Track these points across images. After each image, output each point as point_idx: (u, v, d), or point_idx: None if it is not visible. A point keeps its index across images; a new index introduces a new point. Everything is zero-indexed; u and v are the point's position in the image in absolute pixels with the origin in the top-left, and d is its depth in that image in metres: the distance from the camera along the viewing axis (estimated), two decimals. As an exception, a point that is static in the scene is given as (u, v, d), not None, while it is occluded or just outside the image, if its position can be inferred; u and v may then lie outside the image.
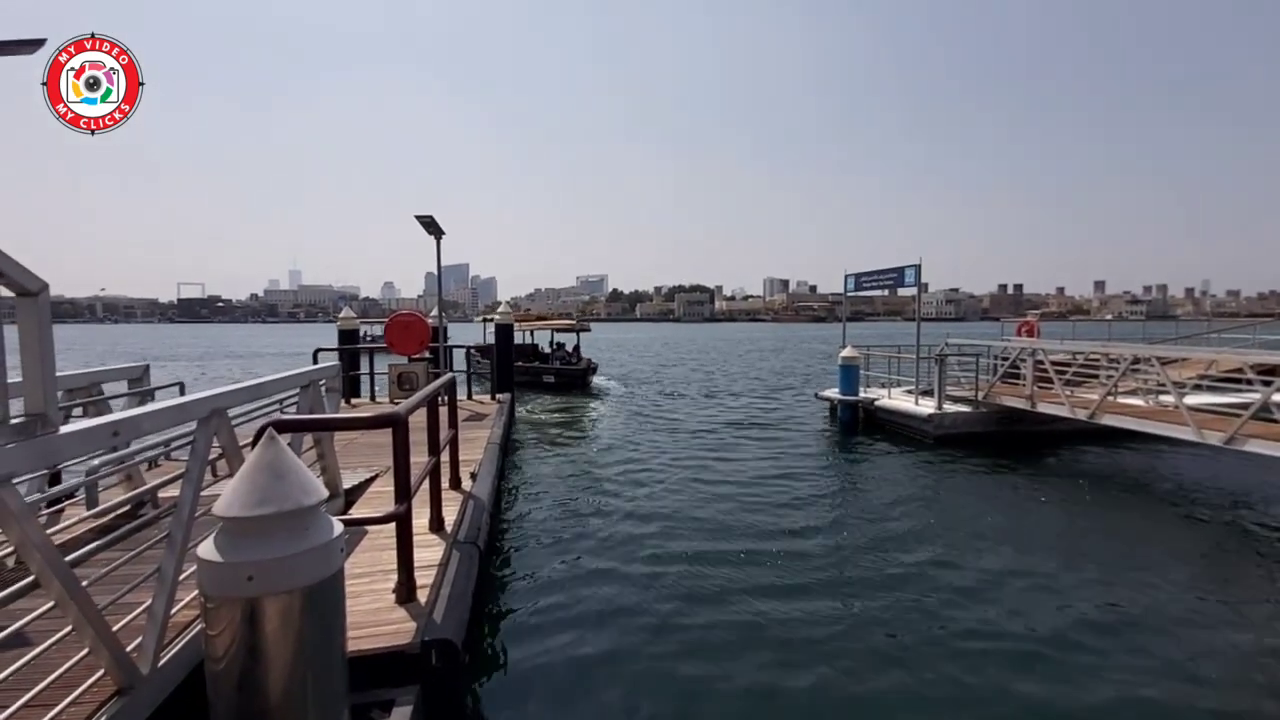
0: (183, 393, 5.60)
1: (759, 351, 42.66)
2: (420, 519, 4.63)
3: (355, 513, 5.14)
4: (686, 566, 5.66)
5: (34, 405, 1.99)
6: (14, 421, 1.91)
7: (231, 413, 3.74)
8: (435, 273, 11.59)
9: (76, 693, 2.18)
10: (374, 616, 3.30)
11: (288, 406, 4.58)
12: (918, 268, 12.44)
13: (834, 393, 13.28)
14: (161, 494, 4.20)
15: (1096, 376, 10.58)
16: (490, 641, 4.35)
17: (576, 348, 21.40)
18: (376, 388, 12.68)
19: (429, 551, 4.13)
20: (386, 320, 11.95)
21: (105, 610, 2.44)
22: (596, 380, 21.54)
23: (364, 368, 12.78)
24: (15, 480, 2.08)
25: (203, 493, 2.93)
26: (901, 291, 14.48)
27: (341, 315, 14.58)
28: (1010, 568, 5.70)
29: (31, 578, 1.99)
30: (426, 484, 4.50)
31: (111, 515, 4.06)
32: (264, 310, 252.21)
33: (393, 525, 3.46)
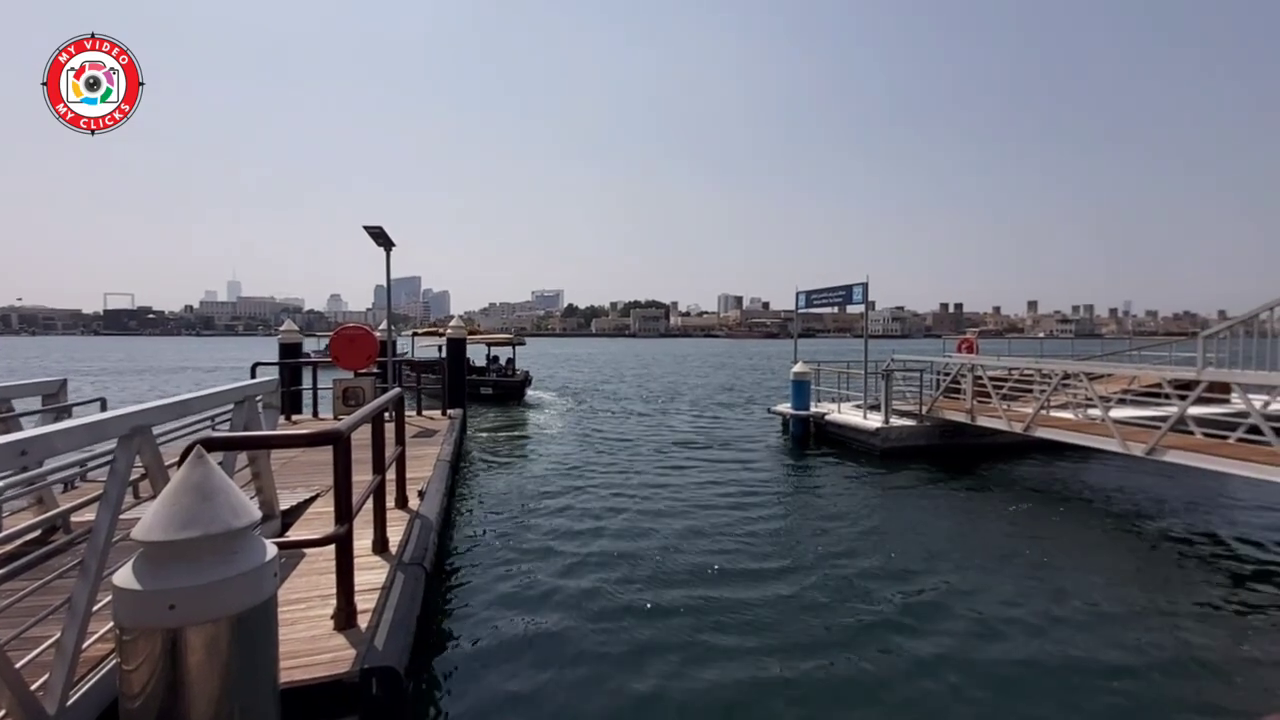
0: (104, 409, 5.25)
1: (711, 367, 43.13)
2: (364, 540, 4.45)
3: (293, 534, 4.90)
4: (637, 584, 5.62)
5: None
6: (-99, 441, 1.73)
7: (157, 430, 3.53)
8: (385, 285, 11.30)
9: (-31, 740, 1.98)
10: (311, 644, 3.13)
11: (220, 423, 4.35)
12: (864, 286, 12.84)
13: (786, 407, 13.51)
14: (75, 518, 3.91)
15: (1031, 391, 11.09)
16: (437, 668, 4.19)
17: (511, 361, 21.71)
18: (320, 404, 12.21)
19: (372, 574, 3.96)
20: (331, 334, 11.55)
21: (8, 645, 2.24)
22: (533, 392, 22.36)
23: (306, 382, 12.30)
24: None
25: (122, 516, 2.73)
26: (850, 309, 14.91)
27: (283, 328, 14.03)
28: (951, 575, 5.90)
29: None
30: (371, 503, 4.34)
31: (19, 542, 3.76)
32: (199, 323, 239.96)
33: (333, 547, 3.30)
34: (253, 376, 9.83)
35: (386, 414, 4.78)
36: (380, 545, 4.41)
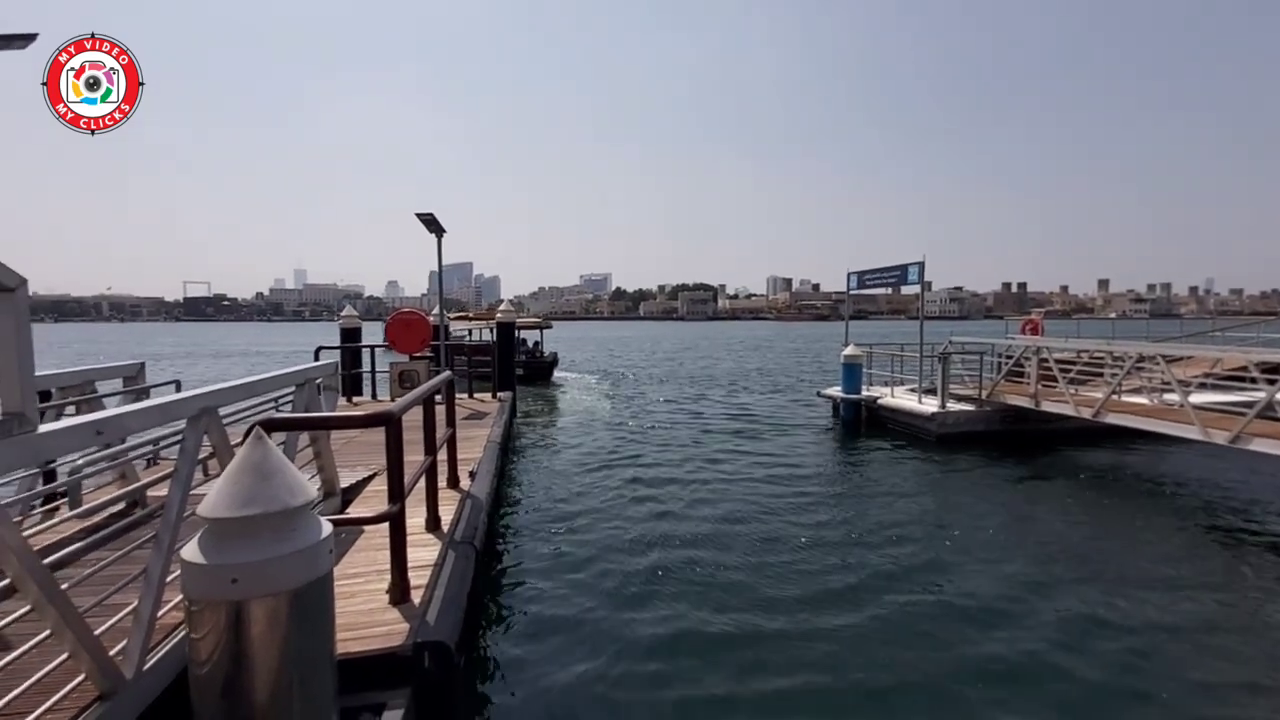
0: (179, 391, 5.55)
1: (752, 349, 42.56)
2: (418, 518, 4.59)
3: (353, 511, 5.10)
4: (687, 567, 5.61)
5: (10, 404, 1.93)
6: (-11, 420, 1.85)
7: (225, 411, 3.70)
8: (437, 271, 11.55)
9: (55, 698, 2.13)
10: (367, 618, 3.25)
11: (283, 405, 4.53)
12: (920, 265, 12.35)
13: (836, 391, 13.20)
14: (153, 494, 4.15)
15: (1101, 375, 10.49)
16: (486, 644, 4.30)
17: (539, 344, 23.17)
18: (379, 386, 12.64)
19: (425, 551, 4.08)
20: (387, 319, 11.91)
21: (90, 612, 2.39)
22: (561, 373, 24.12)
23: (366, 366, 12.74)
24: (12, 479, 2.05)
25: (194, 492, 2.88)
26: (905, 289, 14.43)
27: (343, 314, 14.55)
28: (1015, 570, 5.63)
29: (7, 580, 1.93)
30: (424, 483, 4.46)
31: (105, 514, 4.03)
32: (269, 309, 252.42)
33: (388, 524, 3.40)
34: (315, 360, 10.23)
35: (437, 396, 4.88)
36: (433, 523, 4.53)
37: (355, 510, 5.16)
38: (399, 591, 3.38)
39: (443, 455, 5.65)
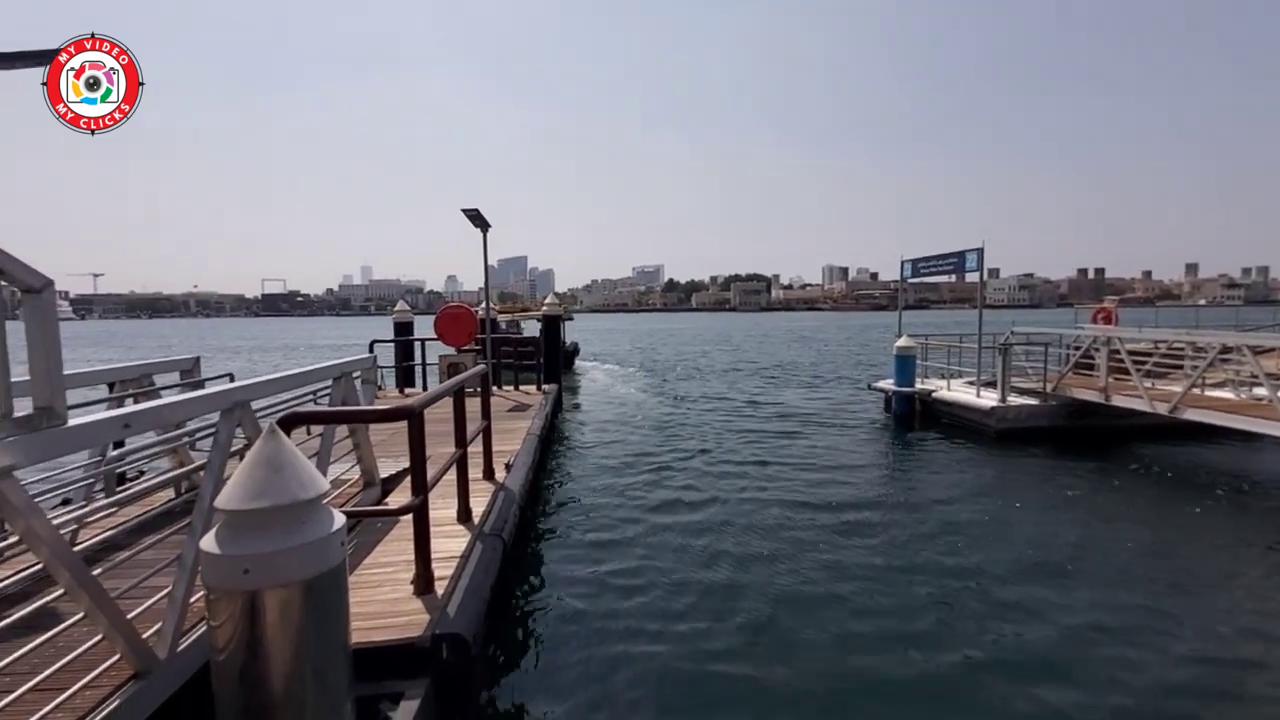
0: (232, 383, 5.84)
1: (809, 340, 41.62)
2: (450, 510, 4.68)
3: (391, 501, 5.25)
4: (723, 564, 5.52)
5: (41, 399, 2.04)
6: (18, 415, 1.96)
7: (264, 403, 3.86)
8: (494, 265, 11.75)
9: (90, 676, 2.26)
10: (391, 607, 3.32)
11: (321, 397, 4.68)
12: (979, 252, 11.72)
13: (889, 384, 12.75)
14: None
15: (1180, 367, 9.72)
16: (511, 636, 4.34)
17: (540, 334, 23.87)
18: (430, 378, 13.00)
19: (453, 542, 4.15)
20: (436, 313, 12.21)
21: (128, 594, 2.53)
22: (580, 362, 25.42)
23: (419, 359, 13.12)
24: (73, 466, 2.18)
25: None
26: (969, 277, 13.78)
27: (396, 309, 15.02)
28: (1078, 582, 5.19)
29: (40, 564, 2.05)
30: (456, 475, 4.53)
31: (162, 501, 4.28)
32: (338, 304, 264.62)
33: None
34: (370, 352, 10.58)
35: (470, 389, 4.95)
36: (464, 515, 4.60)
37: (394, 499, 5.31)
38: (423, 582, 3.44)
39: (479, 447, 5.75)
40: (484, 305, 12.35)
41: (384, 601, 3.37)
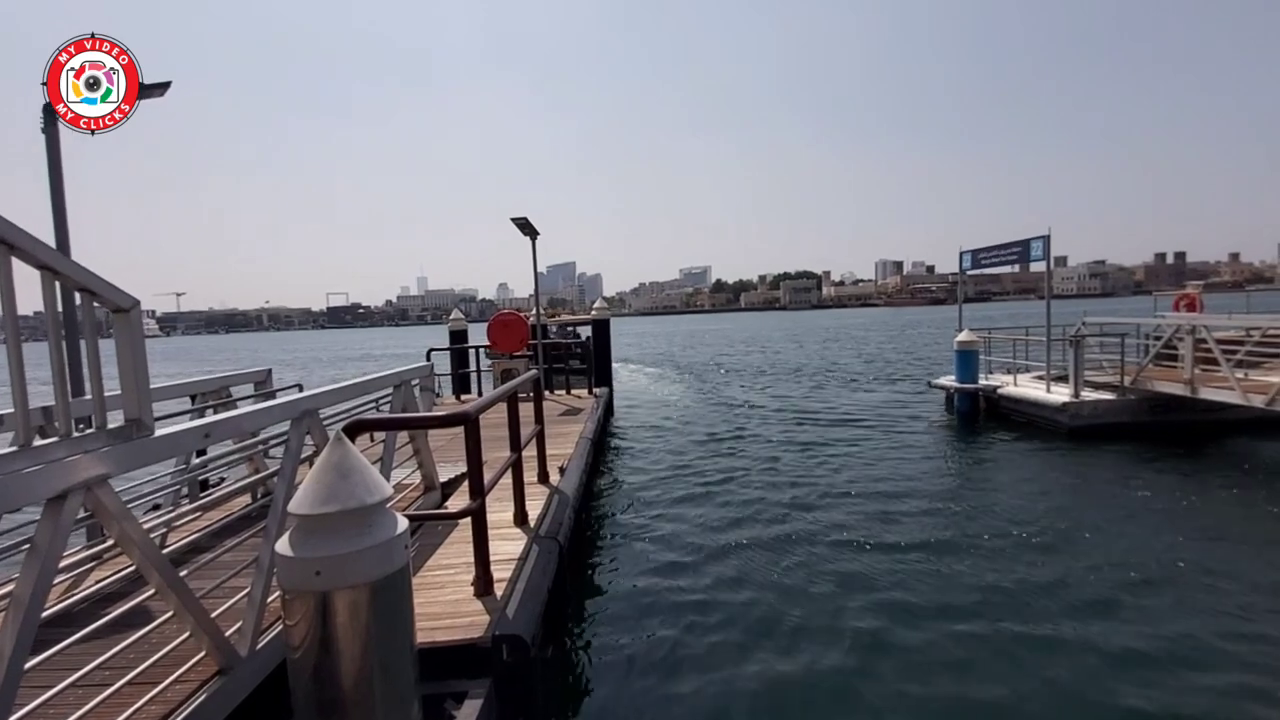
0: (301, 393, 6.13)
1: (860, 337, 40.54)
2: (506, 513, 4.77)
3: (450, 505, 5.39)
4: (778, 570, 5.41)
5: (131, 411, 2.19)
6: (112, 427, 2.11)
7: (331, 411, 4.03)
8: (543, 271, 11.95)
9: (180, 671, 2.40)
10: (453, 608, 3.41)
11: (383, 405, 4.85)
12: (1045, 239, 11.16)
13: (950, 380, 12.28)
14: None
15: (1278, 356, 8.99)
16: (567, 639, 4.38)
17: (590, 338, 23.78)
18: (485, 384, 13.30)
19: (510, 545, 4.22)
20: (489, 320, 12.49)
21: (212, 594, 2.69)
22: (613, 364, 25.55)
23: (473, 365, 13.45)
24: (161, 474, 2.34)
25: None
26: (1034, 267, 13.19)
27: (452, 317, 15.46)
28: (1171, 596, 4.70)
29: (132, 566, 2.19)
30: (512, 479, 4.62)
31: (241, 506, 4.53)
32: (396, 314, 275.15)
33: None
34: (427, 360, 10.93)
35: (524, 394, 5.04)
36: (520, 518, 4.68)
37: (454, 503, 5.45)
38: (482, 584, 3.51)
39: (533, 451, 5.84)
40: (535, 311, 12.55)
41: (446, 603, 3.46)
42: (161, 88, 4.53)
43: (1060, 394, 10.34)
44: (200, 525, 3.92)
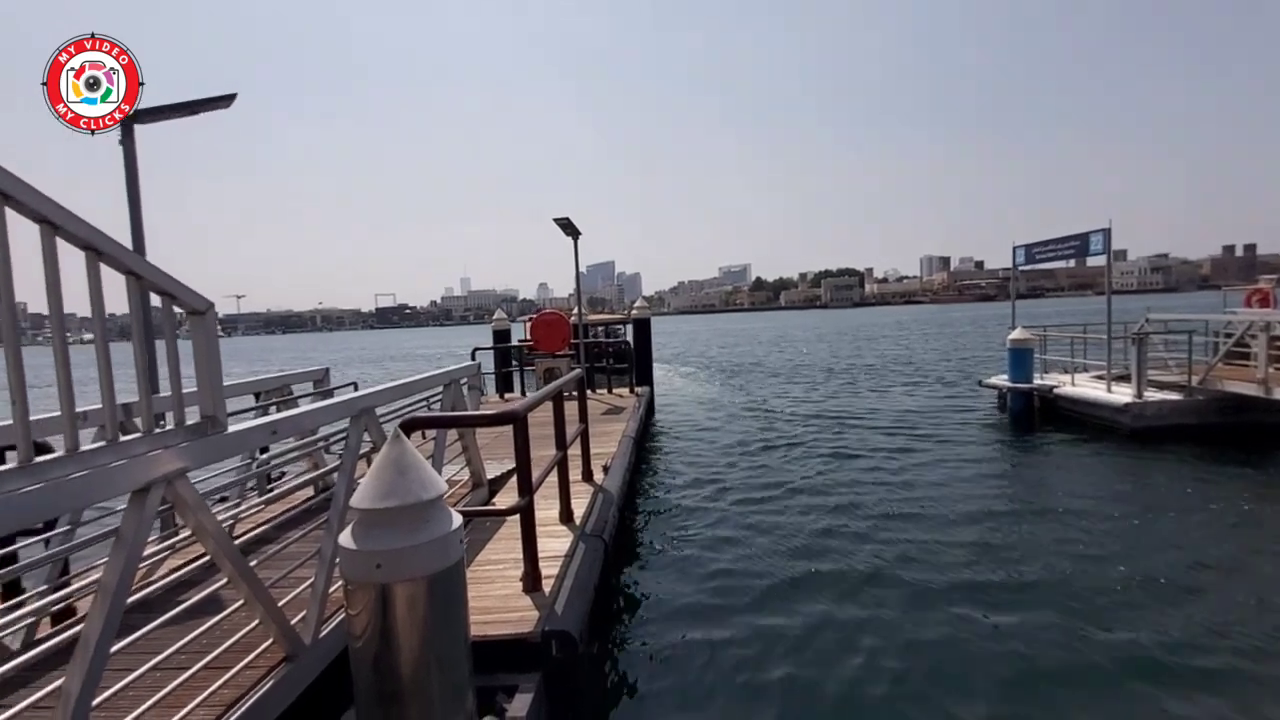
0: (356, 391, 6.33)
1: (904, 336, 39.52)
2: (552, 510, 4.83)
3: (498, 501, 5.49)
4: (821, 577, 5.29)
5: (206, 409, 2.30)
6: (189, 424, 2.22)
7: (385, 409, 4.15)
8: (583, 271, 12.06)
9: (250, 657, 2.51)
10: (503, 603, 3.48)
11: (433, 403, 4.97)
12: (1106, 232, 10.69)
13: (1002, 379, 11.87)
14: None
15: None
16: (613, 636, 4.41)
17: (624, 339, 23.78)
18: (528, 383, 13.48)
19: (557, 542, 4.28)
20: (531, 320, 12.66)
21: (279, 584, 2.80)
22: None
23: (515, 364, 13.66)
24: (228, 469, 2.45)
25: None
26: (1090, 261, 12.65)
27: (495, 317, 15.72)
28: (1251, 620, 4.31)
29: (205, 556, 2.30)
30: (557, 477, 4.68)
31: (304, 500, 4.71)
32: (440, 315, 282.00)
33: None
34: (472, 359, 11.15)
35: (568, 393, 5.09)
36: (565, 516, 4.74)
37: (501, 500, 5.55)
38: (530, 580, 3.57)
39: (577, 450, 5.90)
40: (577, 310, 12.67)
41: (496, 597, 3.54)
42: (227, 100, 4.73)
43: (1122, 394, 9.89)
44: (264, 518, 4.09)
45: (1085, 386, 10.82)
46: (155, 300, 2.28)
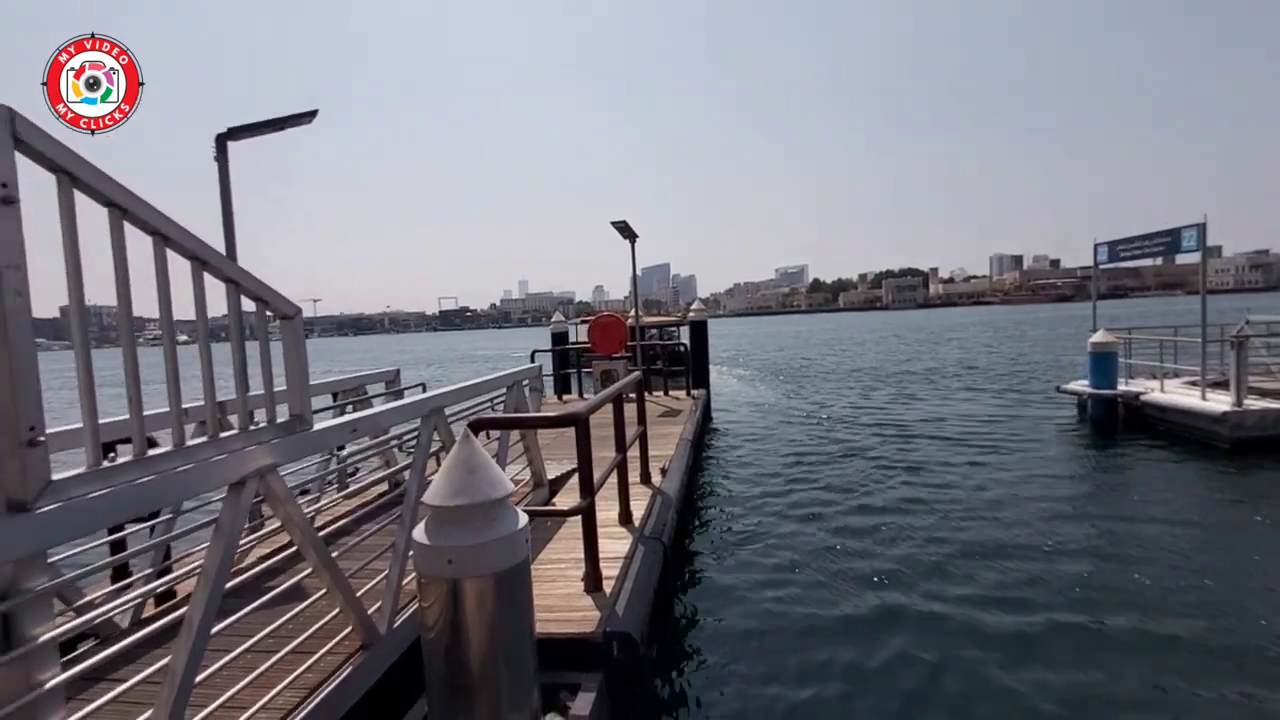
0: (425, 392, 6.58)
1: (972, 339, 37.78)
2: (611, 512, 4.88)
3: (558, 501, 5.59)
4: (891, 597, 5.04)
5: (294, 407, 2.45)
6: (279, 422, 2.37)
7: (454, 409, 4.30)
8: (638, 274, 12.14)
9: (331, 644, 2.65)
10: (565, 602, 3.54)
11: (497, 404, 5.11)
12: (1201, 227, 9.93)
13: (1083, 385, 11.22)
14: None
15: None
16: (672, 638, 4.41)
17: (675, 337, 23.53)
18: (586, 385, 13.65)
19: (616, 544, 4.32)
20: (589, 322, 12.82)
21: (356, 575, 2.95)
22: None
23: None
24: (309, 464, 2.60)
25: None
26: (1181, 259, 11.77)
27: (554, 319, 16.02)
28: None
29: (291, 547, 2.45)
30: (616, 478, 4.72)
31: (376, 494, 4.94)
32: (500, 317, 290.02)
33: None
34: (531, 361, 11.40)
35: (626, 395, 5.14)
36: (624, 517, 4.78)
37: (561, 500, 5.65)
38: (591, 581, 3.62)
39: (635, 452, 5.94)
40: (634, 313, 12.75)
41: (558, 596, 3.60)
42: (309, 116, 5.00)
43: (1219, 402, 9.17)
44: (340, 511, 4.31)
45: (1176, 393, 10.09)
46: (248, 305, 2.45)
